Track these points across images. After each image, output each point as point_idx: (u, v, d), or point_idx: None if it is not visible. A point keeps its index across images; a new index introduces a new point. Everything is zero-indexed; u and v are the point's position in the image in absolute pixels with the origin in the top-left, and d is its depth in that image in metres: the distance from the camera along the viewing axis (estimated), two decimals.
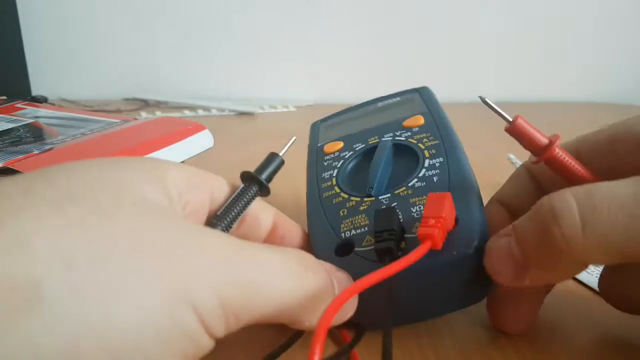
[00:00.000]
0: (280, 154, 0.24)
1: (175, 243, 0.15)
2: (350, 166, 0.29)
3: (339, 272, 0.21)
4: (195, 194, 0.20)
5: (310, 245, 0.25)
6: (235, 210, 0.21)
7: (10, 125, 0.41)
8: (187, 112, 0.73)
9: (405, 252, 0.20)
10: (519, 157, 0.45)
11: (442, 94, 0.91)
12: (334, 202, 0.26)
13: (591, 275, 0.29)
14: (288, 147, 0.25)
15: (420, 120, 0.30)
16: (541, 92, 0.85)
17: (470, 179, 0.24)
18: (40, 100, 0.67)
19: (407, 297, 0.22)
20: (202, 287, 0.15)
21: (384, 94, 0.37)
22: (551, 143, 0.22)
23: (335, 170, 0.28)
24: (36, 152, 0.34)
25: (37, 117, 0.45)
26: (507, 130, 0.23)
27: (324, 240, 0.24)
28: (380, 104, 0.35)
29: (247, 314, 0.16)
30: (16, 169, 0.30)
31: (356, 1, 0.80)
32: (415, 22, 0.82)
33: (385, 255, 0.21)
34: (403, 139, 0.29)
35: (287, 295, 0.18)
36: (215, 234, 0.17)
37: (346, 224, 0.25)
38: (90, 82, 0.82)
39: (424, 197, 0.24)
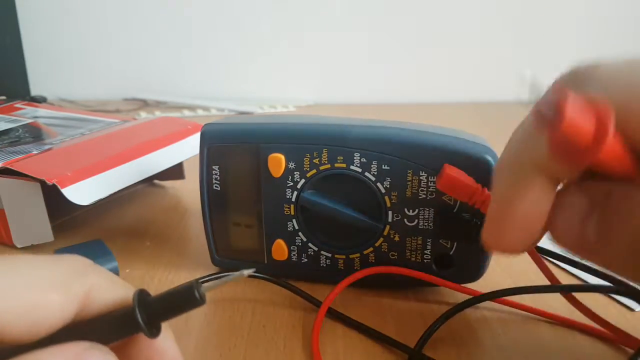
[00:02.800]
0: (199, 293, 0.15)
1: None
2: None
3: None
4: None
5: None
6: None
7: (10, 125, 0.41)
8: (186, 112, 0.73)
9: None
10: None
11: (442, 94, 0.91)
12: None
13: None
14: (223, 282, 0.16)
15: (280, 159, 0.26)
16: None
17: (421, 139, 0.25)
18: (40, 100, 0.67)
19: None
20: None
21: (383, 94, 0.36)
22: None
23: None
24: (35, 152, 0.34)
25: (36, 117, 0.45)
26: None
27: None
28: None
29: None
30: (15, 169, 0.30)
31: (356, 2, 0.80)
32: (415, 22, 0.82)
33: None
34: (304, 183, 0.27)
35: None
36: None
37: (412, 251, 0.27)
38: (90, 82, 0.82)
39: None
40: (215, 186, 0.27)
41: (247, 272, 0.16)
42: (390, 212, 0.26)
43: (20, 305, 0.15)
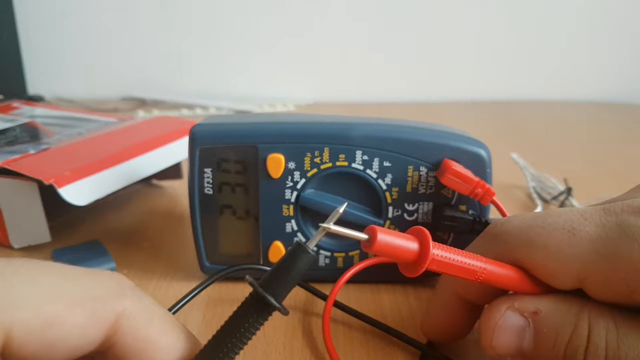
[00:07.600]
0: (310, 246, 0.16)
1: None
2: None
3: None
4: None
5: None
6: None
7: (7, 125, 0.41)
8: (184, 111, 0.73)
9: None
10: (521, 156, 0.44)
11: (443, 93, 0.90)
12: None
13: None
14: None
15: (279, 160, 0.26)
16: (541, 92, 0.85)
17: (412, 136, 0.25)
18: (37, 100, 0.66)
19: None
20: None
21: (383, 94, 0.36)
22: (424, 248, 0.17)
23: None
24: (32, 152, 0.33)
25: (34, 116, 0.45)
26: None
27: None
28: None
29: None
30: (12, 169, 0.30)
31: (356, 1, 0.80)
32: (415, 22, 0.81)
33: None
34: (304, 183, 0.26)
35: None
36: None
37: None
38: (87, 81, 0.82)
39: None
40: (207, 190, 0.26)
41: (342, 207, 0.16)
42: (390, 208, 0.26)
43: (32, 319, 0.12)
